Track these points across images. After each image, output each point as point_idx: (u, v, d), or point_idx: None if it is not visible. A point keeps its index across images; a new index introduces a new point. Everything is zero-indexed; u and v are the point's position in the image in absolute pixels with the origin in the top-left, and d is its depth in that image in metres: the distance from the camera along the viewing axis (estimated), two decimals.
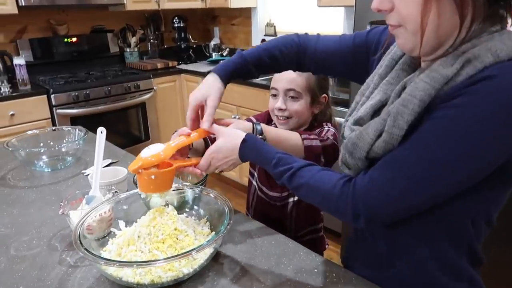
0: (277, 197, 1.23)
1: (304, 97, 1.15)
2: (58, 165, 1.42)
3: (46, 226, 1.05)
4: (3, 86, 2.70)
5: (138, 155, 0.89)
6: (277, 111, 1.17)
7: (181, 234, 0.84)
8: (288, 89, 1.15)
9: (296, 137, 1.04)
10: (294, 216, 1.24)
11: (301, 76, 1.14)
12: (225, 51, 3.73)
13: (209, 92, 0.93)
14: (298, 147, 1.02)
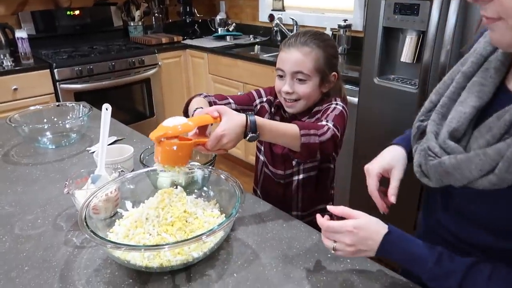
0: (281, 174, 1.20)
1: (313, 79, 1.09)
2: (62, 142, 1.38)
3: (51, 205, 1.02)
4: (5, 60, 2.64)
5: (160, 124, 0.85)
6: (284, 94, 1.12)
7: (190, 217, 0.81)
8: (295, 72, 1.08)
9: (293, 131, 0.94)
10: (300, 195, 1.21)
11: (308, 56, 1.07)
12: (231, 26, 3.63)
13: (395, 163, 0.83)
14: (294, 142, 0.94)
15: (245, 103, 1.25)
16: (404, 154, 0.84)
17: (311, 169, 1.18)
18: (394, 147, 0.86)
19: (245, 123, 0.87)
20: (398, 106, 1.81)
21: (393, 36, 1.84)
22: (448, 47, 1.56)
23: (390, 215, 0.83)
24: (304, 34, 1.09)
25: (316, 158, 0.97)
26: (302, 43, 1.07)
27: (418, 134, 0.74)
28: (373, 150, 0.90)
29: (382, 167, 0.83)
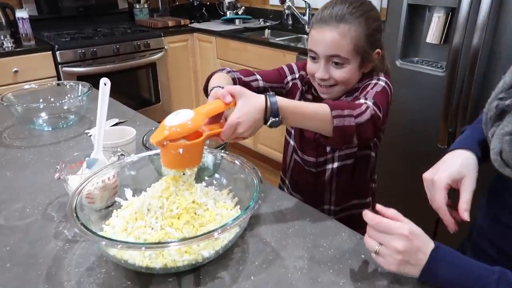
0: (312, 162, 1.06)
1: (352, 61, 0.93)
2: (60, 124, 1.27)
3: (43, 192, 0.91)
4: (5, 41, 2.53)
5: (162, 122, 0.71)
6: (319, 80, 0.96)
7: (200, 208, 0.69)
8: (331, 55, 0.92)
9: (324, 112, 0.78)
10: (333, 186, 1.06)
11: (346, 36, 0.89)
12: (240, 9, 3.48)
13: (466, 171, 0.69)
14: (325, 126, 0.79)
15: (275, 80, 1.10)
16: (475, 160, 0.70)
17: (347, 156, 1.02)
18: (460, 151, 0.72)
19: (265, 106, 0.73)
20: (423, 91, 1.67)
21: (418, 14, 1.70)
22: (482, 29, 1.41)
23: None
24: (342, 4, 0.91)
25: (352, 144, 0.82)
26: (338, 18, 0.89)
27: (495, 115, 0.61)
28: (395, 140, 0.78)
29: (452, 177, 0.68)
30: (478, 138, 0.73)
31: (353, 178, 1.05)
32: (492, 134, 0.61)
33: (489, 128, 0.62)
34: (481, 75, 1.49)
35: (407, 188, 1.82)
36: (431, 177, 0.69)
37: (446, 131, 1.59)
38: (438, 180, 0.68)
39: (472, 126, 0.79)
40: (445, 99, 1.56)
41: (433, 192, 0.68)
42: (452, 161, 0.71)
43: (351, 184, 1.06)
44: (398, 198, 1.93)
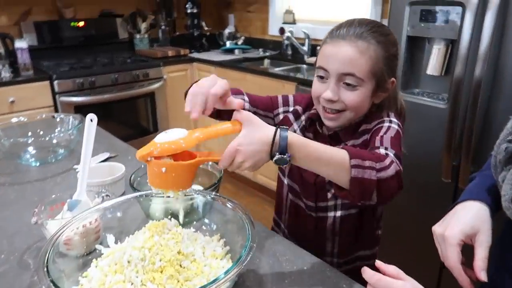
0: (311, 206, 0.95)
1: (366, 85, 0.83)
2: (48, 158, 1.22)
3: (21, 235, 0.85)
4: (3, 71, 2.52)
5: (153, 140, 0.68)
6: (326, 102, 0.85)
7: (186, 260, 0.63)
8: (345, 74, 0.81)
9: (341, 158, 0.68)
10: (336, 235, 0.95)
11: (365, 54, 0.80)
12: (240, 39, 3.50)
13: (480, 225, 0.64)
14: (341, 175, 0.69)
15: (263, 107, 0.99)
16: (488, 212, 0.65)
17: (352, 205, 0.91)
18: (471, 203, 0.66)
19: (272, 139, 0.66)
20: (425, 123, 1.63)
21: (418, 46, 1.68)
22: (484, 60, 1.38)
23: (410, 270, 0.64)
24: (360, 24, 0.83)
25: (371, 201, 0.70)
26: (357, 35, 0.81)
27: (505, 159, 0.55)
28: None
29: (465, 233, 0.63)
30: (488, 186, 0.67)
31: (358, 228, 0.94)
32: (502, 179, 0.56)
33: (499, 172, 0.57)
34: (484, 107, 1.46)
35: (410, 224, 1.76)
36: (442, 232, 0.63)
37: (450, 165, 1.54)
38: (451, 236, 0.62)
39: (481, 173, 0.73)
40: (448, 131, 1.52)
41: (445, 248, 0.62)
42: (464, 214, 0.65)
43: (356, 234, 0.95)
44: (401, 235, 1.86)
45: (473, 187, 0.70)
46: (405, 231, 1.78)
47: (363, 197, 0.69)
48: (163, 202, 0.81)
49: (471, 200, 0.66)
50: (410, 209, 1.74)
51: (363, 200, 0.70)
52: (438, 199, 1.63)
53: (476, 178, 0.73)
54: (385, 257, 1.33)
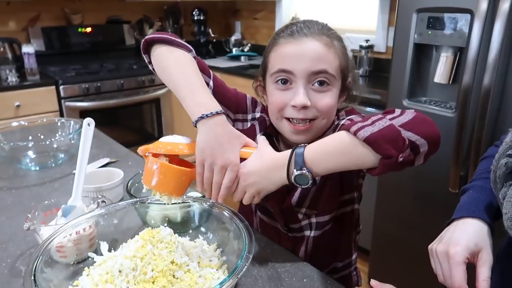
0: (285, 229, 0.86)
1: (336, 84, 0.74)
2: (48, 163, 1.21)
3: (15, 242, 0.83)
4: (10, 75, 2.54)
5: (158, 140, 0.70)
6: (295, 111, 0.73)
7: (179, 270, 0.60)
8: (316, 72, 0.71)
9: (343, 138, 0.61)
10: (308, 250, 0.86)
11: (331, 48, 0.72)
12: (246, 46, 3.50)
13: (483, 244, 0.61)
14: (359, 151, 0.59)
15: (227, 103, 0.83)
16: (489, 230, 0.63)
17: (325, 223, 0.83)
18: (470, 221, 0.64)
19: (288, 159, 0.61)
20: None
21: (425, 54, 1.65)
22: (493, 68, 1.35)
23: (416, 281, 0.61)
24: (310, 22, 0.75)
25: (419, 150, 0.59)
26: (317, 31, 0.73)
27: (505, 174, 0.53)
28: (404, 185, 0.69)
29: (470, 251, 0.59)
30: (485, 203, 0.65)
31: (335, 243, 0.87)
32: (503, 196, 0.53)
33: (499, 188, 0.54)
34: (493, 116, 1.42)
35: (416, 235, 1.71)
36: (444, 250, 0.60)
37: (458, 175, 1.50)
38: (456, 254, 0.58)
39: (475, 186, 0.70)
40: (456, 141, 1.48)
41: (451, 267, 0.58)
42: (465, 231, 0.62)
43: (332, 249, 0.88)
44: (407, 245, 1.82)
45: (469, 204, 0.66)
46: (411, 242, 1.73)
47: (400, 149, 0.57)
48: (160, 209, 0.79)
49: (469, 218, 0.64)
50: (416, 220, 1.70)
51: (404, 154, 0.57)
52: (445, 210, 1.58)
53: (470, 190, 0.70)
54: (390, 267, 1.29)
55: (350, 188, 0.82)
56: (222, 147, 0.65)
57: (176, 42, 0.76)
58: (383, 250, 1.90)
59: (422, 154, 0.60)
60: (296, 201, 0.80)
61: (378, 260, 1.94)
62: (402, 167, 0.60)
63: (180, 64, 0.74)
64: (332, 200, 0.80)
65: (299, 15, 3.19)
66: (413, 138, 0.58)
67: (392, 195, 1.78)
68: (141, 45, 0.80)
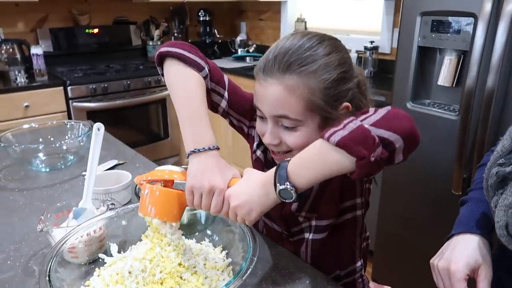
0: (286, 233, 0.88)
1: (307, 123, 0.72)
2: (58, 164, 1.24)
3: (27, 242, 0.86)
4: (19, 76, 2.58)
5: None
6: (268, 145, 0.78)
7: (186, 272, 0.63)
8: (278, 116, 0.72)
9: (320, 147, 0.61)
10: (308, 256, 0.86)
11: (294, 92, 0.69)
12: (252, 47, 3.52)
13: (482, 259, 0.63)
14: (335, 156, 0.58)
15: (240, 111, 0.86)
16: (488, 246, 0.65)
17: (325, 228, 0.83)
18: (470, 236, 0.66)
19: (273, 175, 0.62)
20: (435, 135, 1.61)
21: (428, 57, 1.66)
22: (496, 71, 1.36)
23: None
24: (290, 47, 0.70)
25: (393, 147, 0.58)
26: (283, 68, 0.69)
27: (496, 183, 0.55)
28: (407, 186, 0.70)
29: (471, 266, 0.62)
30: (483, 216, 0.67)
31: (337, 246, 0.87)
32: (494, 204, 0.55)
33: (491, 196, 0.56)
34: (496, 118, 1.43)
35: (419, 236, 1.73)
36: (445, 266, 0.62)
37: (461, 177, 1.51)
38: (458, 271, 0.61)
39: (473, 199, 0.72)
40: (459, 143, 1.50)
41: (452, 284, 0.61)
42: (465, 248, 0.64)
43: (333, 255, 0.87)
44: (410, 247, 1.83)
45: (468, 218, 0.69)
46: (414, 243, 1.75)
47: (371, 148, 0.56)
48: None
49: (469, 234, 0.66)
50: (419, 221, 1.72)
51: (376, 154, 0.56)
52: (448, 211, 1.60)
53: (468, 203, 0.72)
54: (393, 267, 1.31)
55: (351, 195, 0.83)
56: (211, 172, 0.66)
57: (187, 59, 0.76)
58: (386, 250, 1.92)
59: (399, 150, 0.58)
60: (295, 208, 0.82)
61: (381, 260, 1.95)
62: (380, 166, 0.59)
63: (186, 89, 0.75)
64: (332, 205, 0.81)
65: (304, 16, 3.20)
66: (385, 135, 0.57)
67: (396, 196, 1.80)
68: (155, 57, 0.81)
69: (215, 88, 0.83)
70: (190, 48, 0.79)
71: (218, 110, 0.87)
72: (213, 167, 0.67)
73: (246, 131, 0.91)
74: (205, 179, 0.65)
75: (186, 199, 0.68)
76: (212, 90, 0.83)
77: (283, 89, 0.69)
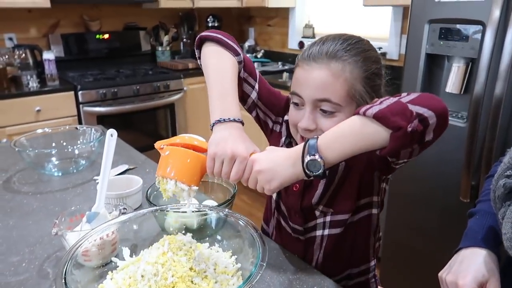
0: (299, 230, 0.90)
1: (345, 109, 0.75)
2: (70, 169, 1.26)
3: (42, 245, 0.88)
4: (31, 81, 2.63)
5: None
6: (303, 131, 0.78)
7: (197, 276, 0.64)
8: (320, 100, 0.75)
9: (355, 121, 0.64)
10: (325, 254, 0.88)
11: (339, 77, 0.73)
12: (260, 52, 3.55)
13: (490, 274, 0.64)
14: (371, 130, 0.62)
15: (268, 104, 0.92)
16: (496, 259, 0.66)
17: (340, 223, 0.85)
18: (478, 251, 0.67)
19: (302, 149, 0.64)
20: (443, 142, 1.58)
21: (436, 64, 1.67)
22: (505, 78, 1.37)
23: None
24: (334, 41, 0.76)
25: (426, 126, 0.61)
26: (330, 55, 0.74)
27: (504, 194, 0.55)
28: (415, 193, 0.71)
29: (478, 281, 0.63)
30: (491, 229, 0.68)
31: (346, 246, 0.88)
32: (502, 216, 0.56)
33: (498, 208, 0.57)
34: (504, 126, 1.43)
35: (428, 243, 1.72)
36: (454, 280, 0.64)
37: (469, 185, 1.51)
38: (465, 285, 0.62)
39: (481, 210, 0.73)
40: (467, 150, 1.50)
41: None
42: (474, 261, 0.65)
43: (346, 252, 0.89)
44: (418, 254, 1.83)
45: (476, 232, 0.70)
46: (421, 250, 1.75)
47: (408, 119, 0.59)
48: (178, 216, 0.83)
49: (477, 247, 0.67)
50: (427, 228, 1.72)
51: (413, 125, 0.59)
52: (456, 219, 1.60)
53: (476, 216, 0.73)
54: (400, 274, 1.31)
55: (368, 192, 0.85)
56: (235, 141, 0.70)
57: (225, 43, 0.82)
58: (394, 257, 1.92)
59: (431, 127, 0.61)
60: (316, 200, 0.84)
61: (388, 267, 1.95)
62: (413, 141, 0.62)
63: (220, 67, 0.80)
64: (349, 201, 0.83)
65: (312, 22, 3.22)
66: (421, 111, 0.60)
67: (403, 204, 1.80)
68: (195, 40, 0.87)
69: (247, 78, 0.88)
70: (229, 36, 0.85)
71: (247, 102, 0.91)
72: (237, 137, 0.71)
73: (271, 126, 0.95)
74: (228, 146, 0.68)
75: (207, 165, 0.70)
76: (244, 80, 0.88)
77: (329, 74, 0.74)
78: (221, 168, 0.70)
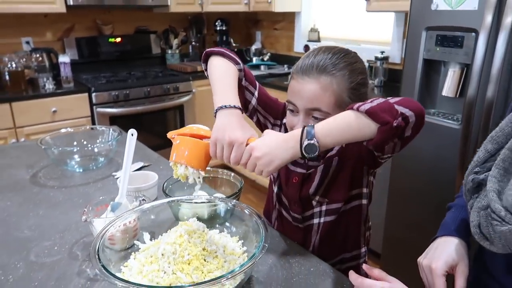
0: (298, 218, 1.01)
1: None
2: (90, 166, 1.37)
3: (70, 231, 0.99)
4: (48, 83, 2.75)
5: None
6: None
7: (209, 256, 0.75)
8: (312, 109, 0.86)
9: (348, 115, 0.74)
10: (321, 240, 0.99)
11: (327, 90, 0.84)
12: (266, 56, 3.65)
13: (460, 258, 0.74)
14: (360, 123, 0.73)
15: (267, 109, 1.04)
16: (465, 246, 0.76)
17: (334, 211, 0.97)
18: (450, 239, 0.77)
19: (300, 134, 0.74)
20: (439, 142, 1.70)
21: (433, 69, 1.76)
22: (496, 81, 1.45)
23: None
24: (324, 54, 0.87)
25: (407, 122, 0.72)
26: (319, 69, 0.85)
27: (472, 188, 0.65)
28: (412, 192, 0.79)
29: (449, 264, 0.73)
30: (464, 221, 0.77)
31: (343, 231, 1.00)
32: (470, 206, 0.65)
33: (468, 200, 0.66)
34: (496, 127, 1.51)
35: (423, 242, 1.80)
36: (428, 264, 0.73)
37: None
38: (437, 268, 0.72)
39: (457, 204, 0.83)
40: (461, 151, 1.58)
41: (432, 279, 0.72)
42: (446, 248, 0.75)
43: (339, 238, 1.00)
44: (415, 252, 1.90)
45: (450, 223, 0.80)
46: (420, 246, 1.82)
47: (394, 116, 0.70)
48: (191, 207, 0.93)
49: (450, 236, 0.77)
50: (425, 224, 1.80)
51: (397, 121, 0.70)
52: None
53: (452, 209, 0.83)
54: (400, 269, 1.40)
55: (359, 184, 0.97)
56: (232, 127, 0.80)
57: (227, 55, 0.95)
58: (393, 253, 2.00)
59: (411, 124, 0.73)
60: (313, 191, 0.96)
61: (388, 262, 2.04)
62: (395, 135, 0.73)
63: (223, 70, 0.93)
64: (341, 190, 0.95)
65: (317, 26, 3.32)
66: (403, 110, 0.72)
67: (402, 201, 1.89)
68: (202, 55, 1.00)
69: (248, 86, 1.00)
70: (231, 51, 0.98)
71: (249, 108, 1.03)
72: (235, 123, 0.81)
73: (270, 128, 1.06)
74: (226, 133, 0.79)
75: (210, 150, 0.80)
76: (246, 88, 1.00)
77: (319, 87, 0.85)
78: (222, 153, 0.80)
